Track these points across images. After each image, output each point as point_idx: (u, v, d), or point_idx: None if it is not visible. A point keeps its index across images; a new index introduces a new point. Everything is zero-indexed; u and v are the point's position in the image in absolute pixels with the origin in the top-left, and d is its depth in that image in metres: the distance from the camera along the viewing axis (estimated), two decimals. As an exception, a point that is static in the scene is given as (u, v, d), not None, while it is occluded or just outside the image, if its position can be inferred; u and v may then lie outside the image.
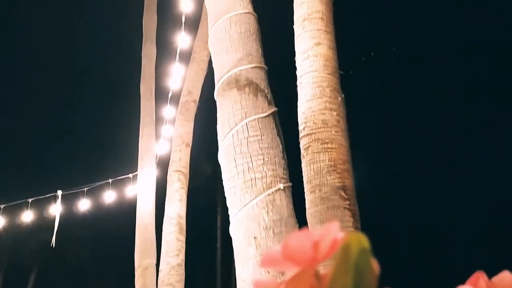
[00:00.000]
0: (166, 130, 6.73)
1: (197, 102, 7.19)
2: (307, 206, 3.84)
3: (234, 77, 2.55)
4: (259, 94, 2.51)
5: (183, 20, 3.98)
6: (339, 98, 3.85)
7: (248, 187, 2.32)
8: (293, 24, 4.43)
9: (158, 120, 6.82)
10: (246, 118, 2.42)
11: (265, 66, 2.70)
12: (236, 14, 2.75)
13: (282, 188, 2.33)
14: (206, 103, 6.92)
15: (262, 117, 2.46)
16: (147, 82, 6.73)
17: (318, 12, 4.20)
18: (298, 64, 4.26)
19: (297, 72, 4.25)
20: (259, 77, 2.60)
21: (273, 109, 2.55)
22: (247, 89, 2.51)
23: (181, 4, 3.98)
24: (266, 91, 2.58)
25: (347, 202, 3.59)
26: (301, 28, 4.31)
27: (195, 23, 6.50)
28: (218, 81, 2.61)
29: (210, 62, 2.94)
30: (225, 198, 2.42)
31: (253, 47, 2.68)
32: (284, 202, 2.30)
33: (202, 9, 6.36)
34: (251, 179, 2.33)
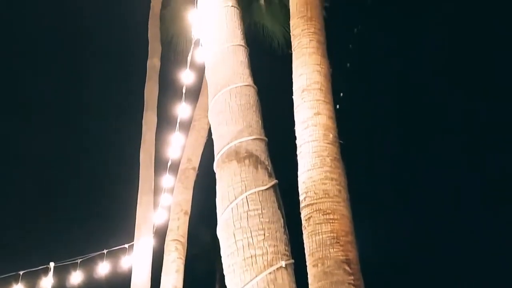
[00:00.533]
0: (165, 198, 6.64)
1: (197, 169, 7.15)
2: (309, 280, 3.68)
3: (234, 149, 2.51)
4: (259, 166, 2.46)
5: (184, 91, 4.06)
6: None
7: (248, 265, 2.20)
8: (292, 95, 4.53)
9: (157, 189, 6.75)
10: (246, 191, 2.35)
11: (265, 138, 2.67)
12: (236, 87, 2.78)
13: (284, 266, 2.20)
14: (205, 170, 6.88)
15: (262, 190, 2.39)
16: (147, 149, 6.74)
17: (316, 83, 4.29)
18: (298, 133, 4.29)
19: (297, 142, 4.27)
20: (259, 149, 2.56)
21: (274, 181, 2.49)
22: (247, 161, 2.46)
23: (182, 75, 4.07)
24: (267, 163, 2.53)
25: (352, 277, 3.43)
26: (300, 99, 4.38)
27: (196, 93, 6.63)
28: (218, 153, 2.57)
29: (210, 130, 2.94)
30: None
31: (253, 118, 2.67)
32: (286, 281, 2.17)
33: (203, 79, 6.50)
34: (251, 256, 2.22)
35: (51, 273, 5.95)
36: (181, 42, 8.58)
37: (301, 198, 3.81)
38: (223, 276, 2.33)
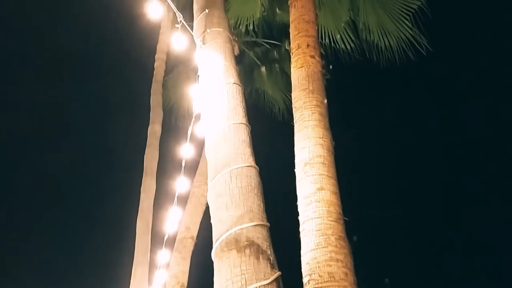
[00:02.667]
0: (160, 272, 6.35)
1: (195, 238, 6.90)
2: None
3: (234, 237, 2.35)
4: (261, 257, 2.28)
5: (183, 164, 3.98)
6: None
7: None
8: (294, 168, 4.42)
9: (152, 262, 6.47)
10: (246, 287, 2.16)
11: (267, 223, 2.52)
12: (237, 168, 2.66)
13: None
14: (204, 240, 6.63)
15: (264, 285, 2.20)
16: (144, 218, 6.53)
17: (319, 157, 4.18)
18: (300, 209, 4.11)
19: (300, 218, 4.08)
20: (261, 236, 2.40)
21: (277, 273, 2.30)
22: (247, 251, 2.29)
23: (182, 149, 4.01)
24: (269, 252, 2.36)
25: None
26: (302, 173, 4.25)
27: (196, 163, 6.55)
28: (216, 240, 2.41)
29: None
30: None
31: (255, 202, 2.54)
32: None
33: (203, 148, 6.43)
34: None
35: None
36: (183, 108, 8.65)
37: (304, 280, 3.57)
38: None
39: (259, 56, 8.80)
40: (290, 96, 8.11)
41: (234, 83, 3.21)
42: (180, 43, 3.78)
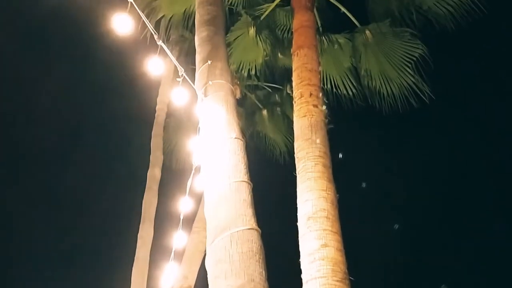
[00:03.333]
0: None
1: (193, 288, 6.65)
2: None
3: (234, 310, 2.19)
4: (262, 334, 2.11)
5: (181, 218, 3.85)
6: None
7: None
8: (297, 222, 4.27)
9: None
10: None
11: (269, 293, 2.36)
12: (237, 231, 2.53)
13: None
14: (202, 289, 6.37)
15: None
16: (140, 268, 6.31)
17: (323, 211, 4.04)
18: (303, 267, 3.92)
19: (303, 276, 3.89)
20: (263, 309, 2.24)
21: None
22: (248, 326, 2.13)
23: (180, 204, 3.90)
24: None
25: None
26: (305, 227, 4.09)
27: (194, 212, 6.40)
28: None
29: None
30: None
31: (256, 270, 2.38)
32: None
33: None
34: None
35: None
36: (183, 152, 8.57)
37: None
38: None
39: (261, 99, 8.79)
40: (292, 139, 8.05)
41: (236, 137, 3.12)
42: (181, 98, 3.72)
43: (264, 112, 8.79)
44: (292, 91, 5.76)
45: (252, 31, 6.91)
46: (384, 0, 6.27)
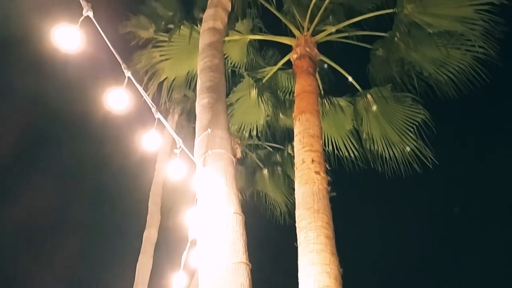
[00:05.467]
0: None
1: None
2: None
3: None
4: None
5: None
6: None
7: None
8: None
9: None
10: None
11: None
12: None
13: None
14: None
15: None
16: None
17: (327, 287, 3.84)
18: None
19: None
20: None
21: None
22: None
23: (173, 280, 3.71)
24: None
25: None
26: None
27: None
28: None
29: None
30: None
31: None
32: None
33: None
34: None
35: None
36: (182, 211, 8.36)
37: None
38: None
39: (262, 159, 8.71)
40: (292, 200, 7.87)
41: (235, 212, 2.98)
42: (179, 171, 3.63)
43: (265, 171, 8.68)
44: (293, 151, 5.70)
45: (254, 93, 6.94)
46: (384, 65, 6.32)
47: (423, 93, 6.18)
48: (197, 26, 6.22)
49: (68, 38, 2.45)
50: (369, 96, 6.36)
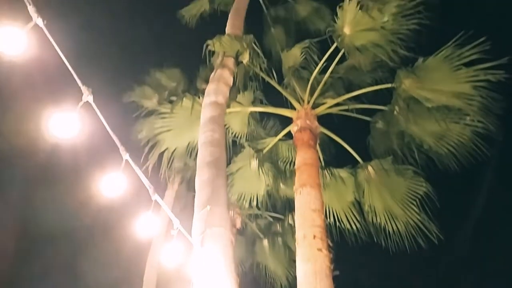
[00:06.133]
0: None
1: None
2: None
3: None
4: None
5: None
6: None
7: None
8: None
9: None
10: None
11: None
12: None
13: None
14: None
15: None
16: None
17: None
18: None
19: None
20: None
21: None
22: None
23: None
24: None
25: None
26: None
27: None
28: None
29: None
30: None
31: None
32: None
33: None
34: None
35: None
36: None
37: None
38: None
39: (262, 229, 8.52)
40: (293, 272, 7.57)
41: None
42: (175, 255, 3.52)
43: (265, 242, 8.47)
44: (294, 221, 5.56)
45: (254, 163, 6.93)
46: (384, 137, 6.35)
47: (424, 165, 6.16)
48: (199, 98, 6.33)
49: (66, 124, 2.45)
50: (370, 168, 6.32)
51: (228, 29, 6.52)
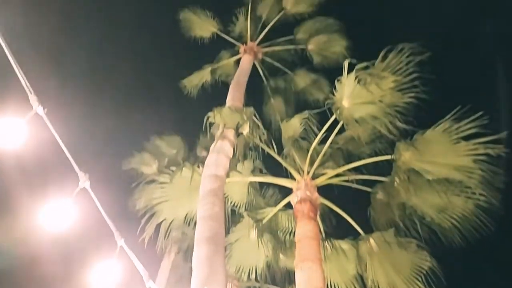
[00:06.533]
0: None
1: None
2: None
3: None
4: None
5: None
6: None
7: None
8: None
9: None
10: None
11: None
12: None
13: None
14: None
15: None
16: None
17: None
18: None
19: None
20: None
21: None
22: None
23: None
24: None
25: None
26: None
27: None
28: None
29: None
30: None
31: None
32: None
33: None
34: None
35: None
36: None
37: None
38: None
39: (261, 300, 8.18)
40: None
41: None
42: None
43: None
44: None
45: (253, 234, 6.78)
46: (385, 209, 6.26)
47: (427, 238, 6.01)
48: (198, 167, 6.31)
49: (61, 213, 2.41)
50: (371, 240, 6.18)
51: (228, 101, 6.65)
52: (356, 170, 6.40)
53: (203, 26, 9.70)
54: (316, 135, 6.60)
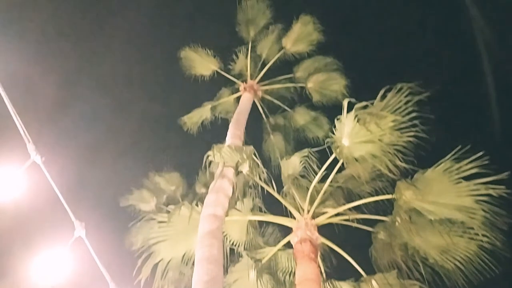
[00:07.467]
0: None
1: None
2: None
3: None
4: None
5: None
6: None
7: None
8: None
9: None
10: None
11: None
12: None
13: None
14: None
15: None
16: None
17: None
18: None
19: None
20: None
21: None
22: None
23: None
24: None
25: None
26: None
27: None
28: None
29: None
30: None
31: None
32: None
33: None
34: None
35: None
36: None
37: None
38: None
39: None
40: None
41: None
42: None
43: None
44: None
45: (252, 274, 6.62)
46: (387, 249, 6.13)
47: (431, 280, 5.86)
48: (197, 205, 6.22)
49: (56, 264, 2.35)
50: (374, 282, 6.02)
51: (228, 139, 6.64)
52: (357, 209, 6.32)
53: (203, 64, 9.82)
54: (316, 173, 6.56)
